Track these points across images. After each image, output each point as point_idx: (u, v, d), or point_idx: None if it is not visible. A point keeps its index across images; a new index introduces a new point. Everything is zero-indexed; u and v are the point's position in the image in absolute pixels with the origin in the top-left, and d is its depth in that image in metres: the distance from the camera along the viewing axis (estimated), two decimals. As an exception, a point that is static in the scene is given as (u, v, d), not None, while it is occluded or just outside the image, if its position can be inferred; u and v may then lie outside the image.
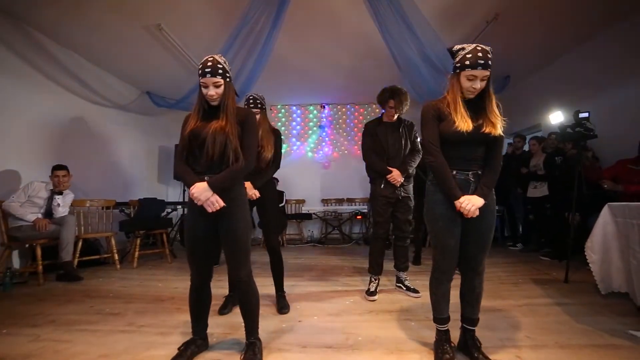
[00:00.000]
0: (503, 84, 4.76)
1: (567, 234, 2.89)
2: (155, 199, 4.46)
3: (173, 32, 3.61)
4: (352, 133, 6.33)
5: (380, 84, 2.68)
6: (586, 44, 3.89)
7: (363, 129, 2.66)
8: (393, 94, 2.46)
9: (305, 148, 6.39)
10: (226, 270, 1.63)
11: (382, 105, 2.55)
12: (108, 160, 4.75)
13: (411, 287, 2.54)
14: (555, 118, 3.42)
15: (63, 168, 3.34)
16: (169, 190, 6.13)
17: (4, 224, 3.05)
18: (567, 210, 3.18)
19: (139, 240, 3.83)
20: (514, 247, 4.45)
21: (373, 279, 2.57)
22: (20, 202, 3.09)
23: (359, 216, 5.60)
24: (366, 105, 6.33)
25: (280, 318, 2.11)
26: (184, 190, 5.70)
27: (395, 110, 2.47)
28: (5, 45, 3.28)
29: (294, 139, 6.36)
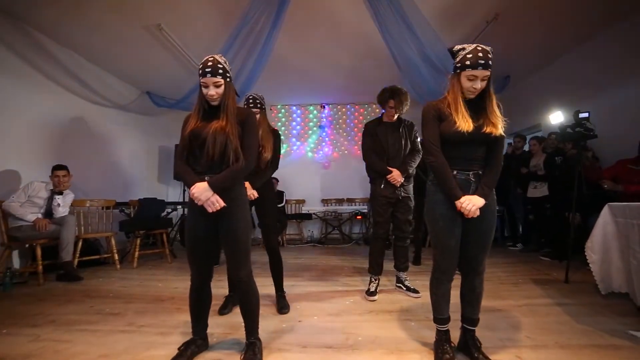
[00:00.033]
0: (503, 84, 4.76)
1: (567, 234, 2.89)
2: (155, 199, 4.46)
3: (173, 32, 3.61)
4: (352, 133, 6.33)
5: (380, 84, 2.68)
6: (586, 44, 3.89)
7: (363, 129, 2.66)
8: (393, 94, 2.46)
9: (305, 148, 6.39)
10: (226, 270, 1.63)
11: (382, 105, 2.55)
12: (108, 160, 4.75)
13: (411, 287, 2.54)
14: (555, 118, 3.42)
15: (63, 168, 3.34)
16: (169, 190, 6.13)
17: (4, 224, 3.05)
18: (567, 210, 3.18)
19: (139, 240, 3.83)
20: (514, 247, 4.45)
21: (373, 279, 2.57)
22: (20, 202, 3.09)
23: (359, 216, 5.61)
24: (366, 105, 6.33)
25: (280, 318, 2.11)
26: (184, 190, 5.71)
27: (395, 110, 2.47)
28: (5, 45, 3.28)
29: (294, 139, 6.36)
